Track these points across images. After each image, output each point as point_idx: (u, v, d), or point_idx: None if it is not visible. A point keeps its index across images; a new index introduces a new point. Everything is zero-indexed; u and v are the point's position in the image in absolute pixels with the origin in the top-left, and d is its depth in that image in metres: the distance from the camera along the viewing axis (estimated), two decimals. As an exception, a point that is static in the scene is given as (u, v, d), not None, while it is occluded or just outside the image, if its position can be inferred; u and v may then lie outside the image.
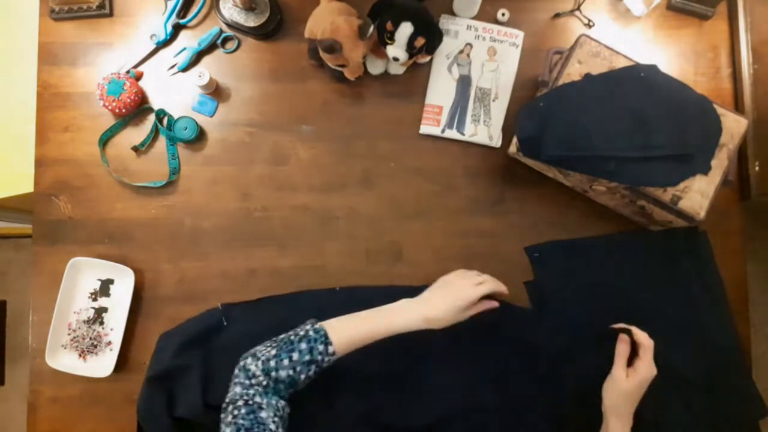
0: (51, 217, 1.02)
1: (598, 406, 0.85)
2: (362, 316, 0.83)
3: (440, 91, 1.06)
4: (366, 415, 0.92)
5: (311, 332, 0.78)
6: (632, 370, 0.83)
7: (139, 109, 1.04)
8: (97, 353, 0.99)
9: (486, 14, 1.08)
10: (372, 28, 0.92)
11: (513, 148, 0.99)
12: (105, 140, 1.04)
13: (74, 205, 1.03)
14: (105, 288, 1.01)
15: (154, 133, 1.04)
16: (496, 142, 1.06)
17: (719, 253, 1.05)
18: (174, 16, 1.05)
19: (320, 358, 0.76)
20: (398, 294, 1.00)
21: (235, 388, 0.76)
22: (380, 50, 1.00)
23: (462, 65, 1.07)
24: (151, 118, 1.05)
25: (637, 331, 0.84)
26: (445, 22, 1.07)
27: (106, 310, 1.00)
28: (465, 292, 0.84)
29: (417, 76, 1.07)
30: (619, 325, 0.87)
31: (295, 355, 0.76)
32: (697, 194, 0.90)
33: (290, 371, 0.75)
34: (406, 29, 0.94)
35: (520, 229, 1.05)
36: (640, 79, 0.91)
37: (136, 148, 1.04)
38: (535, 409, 0.95)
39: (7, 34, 1.19)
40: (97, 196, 1.03)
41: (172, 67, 1.06)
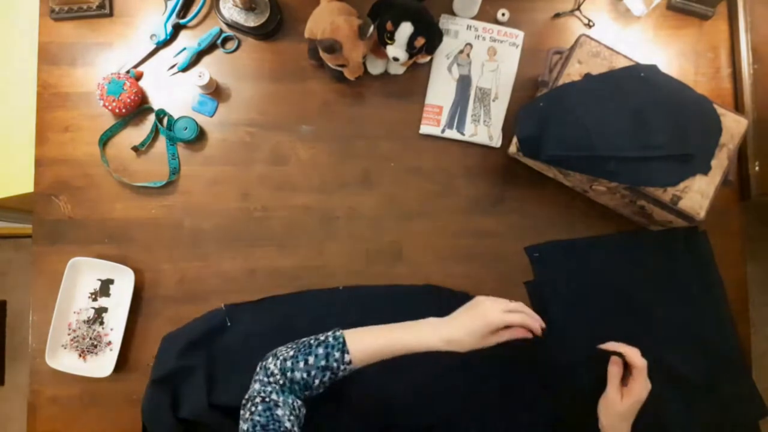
0: (51, 217, 1.02)
1: (595, 424, 0.83)
2: (384, 329, 0.79)
3: (440, 91, 1.06)
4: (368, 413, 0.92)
5: (330, 338, 0.77)
6: (627, 391, 0.80)
7: (139, 109, 1.04)
8: (97, 353, 0.99)
9: (486, 14, 1.08)
10: (372, 28, 0.92)
11: (513, 148, 0.99)
12: (105, 140, 1.04)
13: (74, 205, 1.03)
14: (105, 288, 1.01)
15: (154, 133, 1.04)
16: (496, 142, 1.06)
17: (719, 253, 1.05)
18: (174, 16, 1.05)
19: (335, 366, 0.75)
20: (399, 293, 1.00)
21: (255, 385, 0.76)
22: (380, 50, 1.00)
23: (462, 65, 1.07)
24: (151, 118, 1.05)
25: (630, 353, 0.80)
26: (445, 22, 1.07)
27: (106, 310, 1.00)
28: (490, 317, 0.77)
29: (417, 76, 1.07)
30: (610, 346, 0.83)
31: (311, 359, 0.75)
32: (697, 194, 0.90)
33: (305, 374, 0.75)
34: (406, 29, 0.94)
35: (520, 229, 1.05)
36: (640, 79, 0.91)
37: (136, 148, 1.04)
38: (535, 420, 0.95)
39: (7, 34, 1.19)
40: (97, 196, 1.03)
41: (172, 67, 1.06)
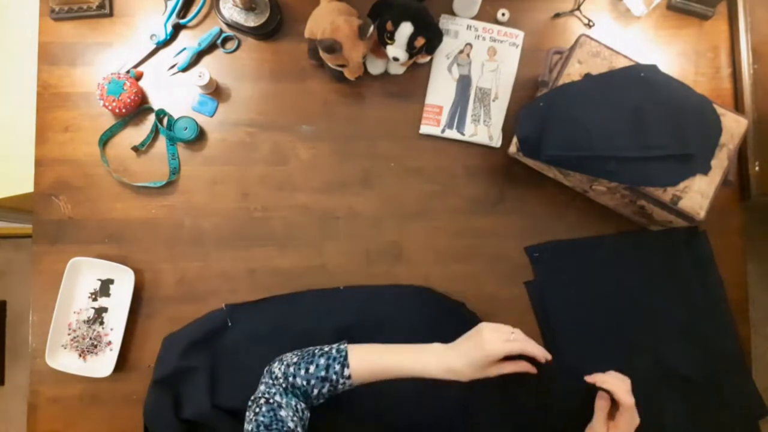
0: (51, 217, 1.02)
1: None
2: (389, 349, 0.79)
3: (440, 91, 1.06)
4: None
5: (334, 351, 0.78)
6: (613, 425, 0.78)
7: (139, 109, 1.04)
8: (97, 353, 0.99)
9: (486, 14, 1.08)
10: (372, 28, 0.92)
11: (513, 148, 0.99)
12: (105, 140, 1.04)
13: (74, 205, 1.03)
14: (105, 288, 1.01)
15: (154, 133, 1.04)
16: (496, 142, 1.06)
17: (719, 253, 1.05)
18: (174, 16, 1.05)
19: (334, 378, 0.75)
20: (401, 293, 1.00)
21: (260, 386, 0.78)
22: (380, 50, 1.00)
23: (462, 65, 1.07)
24: (151, 118, 1.05)
25: (618, 390, 0.77)
26: (445, 22, 1.07)
27: (106, 310, 1.00)
28: (488, 347, 0.75)
29: (417, 76, 1.07)
30: (599, 379, 0.80)
31: (312, 368, 0.76)
32: (697, 194, 0.90)
33: (304, 382, 0.76)
34: (406, 29, 0.94)
35: (520, 229, 1.05)
36: (640, 79, 0.91)
37: (136, 148, 1.04)
38: None
39: (7, 34, 1.19)
40: (97, 196, 1.03)
41: (172, 67, 1.06)
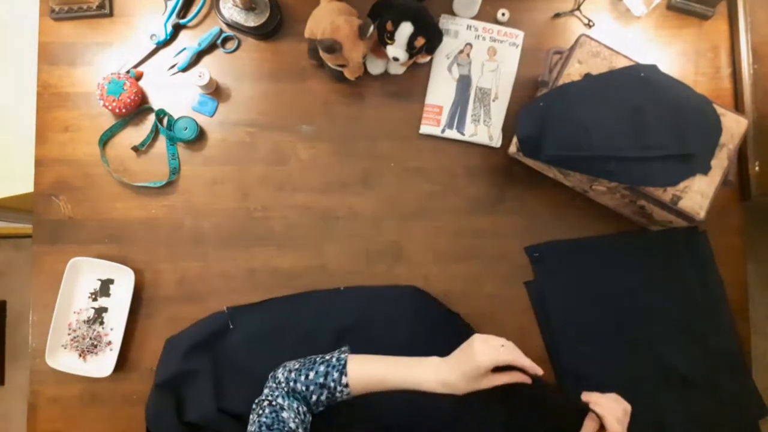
0: (51, 217, 1.02)
1: None
2: (388, 361, 0.79)
3: (440, 91, 1.06)
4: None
5: (334, 359, 0.78)
6: None
7: (139, 109, 1.04)
8: (97, 353, 0.99)
9: (486, 14, 1.08)
10: (372, 28, 0.92)
11: (513, 148, 0.99)
12: (105, 140, 1.04)
13: (74, 205, 1.03)
14: (105, 288, 1.01)
15: (154, 133, 1.04)
16: (496, 142, 1.06)
17: (719, 253, 1.05)
18: (174, 16, 1.05)
19: (332, 386, 0.76)
20: (401, 293, 0.99)
21: (264, 390, 0.79)
22: (380, 50, 1.00)
23: (462, 65, 1.07)
24: (151, 118, 1.05)
25: (609, 418, 0.74)
26: (445, 22, 1.07)
27: (106, 310, 1.00)
28: (478, 359, 0.75)
29: (417, 76, 1.07)
30: (593, 400, 0.77)
31: (312, 375, 0.77)
32: (697, 194, 0.90)
33: (304, 387, 0.77)
34: (406, 29, 0.94)
35: (520, 229, 1.05)
36: (640, 79, 0.91)
37: (136, 148, 1.04)
38: None
39: (7, 34, 1.19)
40: (97, 196, 1.03)
41: (172, 67, 1.06)
